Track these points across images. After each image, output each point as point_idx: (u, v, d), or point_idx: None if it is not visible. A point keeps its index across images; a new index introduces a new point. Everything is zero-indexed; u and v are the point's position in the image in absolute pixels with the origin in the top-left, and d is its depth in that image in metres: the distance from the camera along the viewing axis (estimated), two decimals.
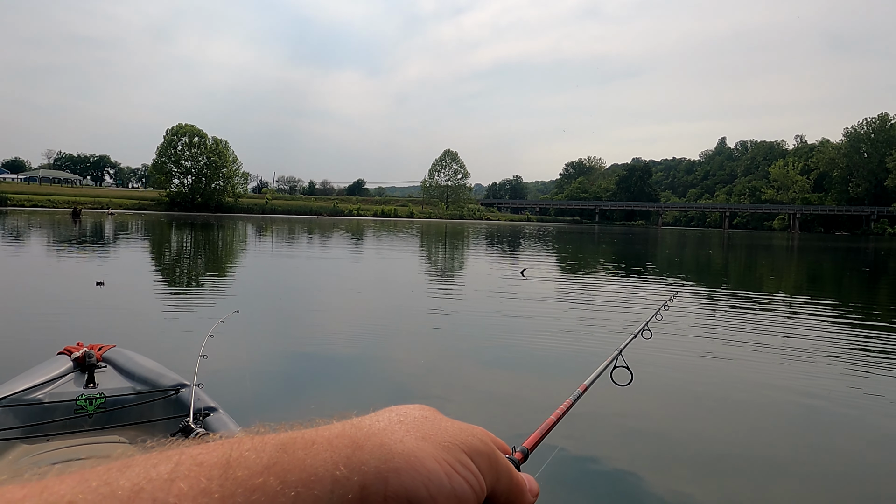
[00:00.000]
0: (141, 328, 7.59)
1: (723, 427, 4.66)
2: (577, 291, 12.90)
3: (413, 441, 0.45)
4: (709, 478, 3.81)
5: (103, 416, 3.20)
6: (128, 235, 28.71)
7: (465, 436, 0.49)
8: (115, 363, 3.59)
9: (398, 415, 0.49)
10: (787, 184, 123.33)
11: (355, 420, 0.47)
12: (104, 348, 3.68)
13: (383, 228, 52.37)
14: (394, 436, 0.45)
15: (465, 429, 0.50)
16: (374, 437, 0.45)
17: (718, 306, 11.29)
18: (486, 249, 29.18)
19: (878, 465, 4.15)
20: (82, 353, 3.46)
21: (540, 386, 5.65)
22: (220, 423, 2.84)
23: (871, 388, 5.73)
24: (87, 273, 13.09)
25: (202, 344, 3.45)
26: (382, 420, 0.48)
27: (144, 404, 3.25)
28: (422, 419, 0.49)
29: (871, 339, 8.23)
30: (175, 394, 3.24)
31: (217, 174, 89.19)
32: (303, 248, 26.17)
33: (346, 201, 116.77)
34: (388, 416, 0.48)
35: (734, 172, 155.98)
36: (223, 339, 4.46)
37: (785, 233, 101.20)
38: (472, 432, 0.50)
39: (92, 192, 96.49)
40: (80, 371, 3.43)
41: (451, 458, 0.46)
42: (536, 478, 0.53)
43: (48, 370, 3.37)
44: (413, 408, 0.51)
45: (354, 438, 0.44)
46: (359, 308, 10.16)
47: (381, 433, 0.45)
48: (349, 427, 0.45)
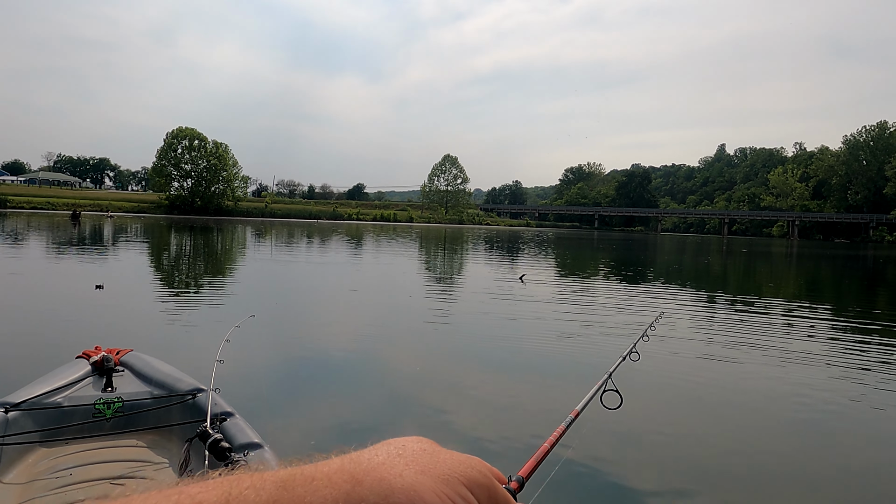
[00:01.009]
0: (157, 332, 7.63)
1: (717, 447, 4.62)
2: (575, 298, 12.91)
3: (412, 475, 0.45)
4: (704, 497, 3.81)
5: (121, 421, 3.21)
6: (130, 239, 28.71)
7: (463, 468, 0.49)
8: (132, 367, 3.60)
9: (396, 448, 0.49)
10: (786, 191, 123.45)
11: (353, 455, 0.47)
12: (122, 352, 3.71)
13: (383, 233, 52.38)
14: (393, 470, 0.45)
15: (464, 460, 0.50)
16: (374, 471, 0.44)
17: (709, 320, 11.30)
18: (486, 255, 29.18)
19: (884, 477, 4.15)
20: (100, 358, 3.48)
21: (536, 400, 5.65)
22: (237, 428, 2.84)
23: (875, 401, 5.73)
24: (97, 276, 13.08)
25: (218, 349, 3.46)
26: (381, 454, 0.47)
27: (162, 409, 3.25)
28: (420, 452, 0.49)
29: (869, 351, 8.24)
30: (192, 398, 3.25)
31: (217, 177, 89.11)
32: (307, 252, 26.17)
33: (346, 205, 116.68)
34: (387, 450, 0.48)
35: (733, 179, 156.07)
36: (238, 344, 4.48)
37: (784, 240, 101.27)
38: (470, 464, 0.50)
39: (91, 194, 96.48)
40: (99, 375, 3.45)
41: (450, 492, 0.46)
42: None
43: (67, 374, 3.38)
44: (410, 440, 0.51)
45: (353, 474, 0.44)
46: (365, 313, 10.19)
47: (380, 468, 0.45)
48: (348, 462, 0.45)
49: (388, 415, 5.03)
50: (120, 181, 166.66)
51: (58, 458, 2.90)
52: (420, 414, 5.04)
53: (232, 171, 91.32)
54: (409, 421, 4.86)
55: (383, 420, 4.88)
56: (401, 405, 5.30)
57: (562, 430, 1.03)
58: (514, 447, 4.26)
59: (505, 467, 0.58)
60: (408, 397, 5.54)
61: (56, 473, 2.75)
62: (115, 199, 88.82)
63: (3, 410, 2.96)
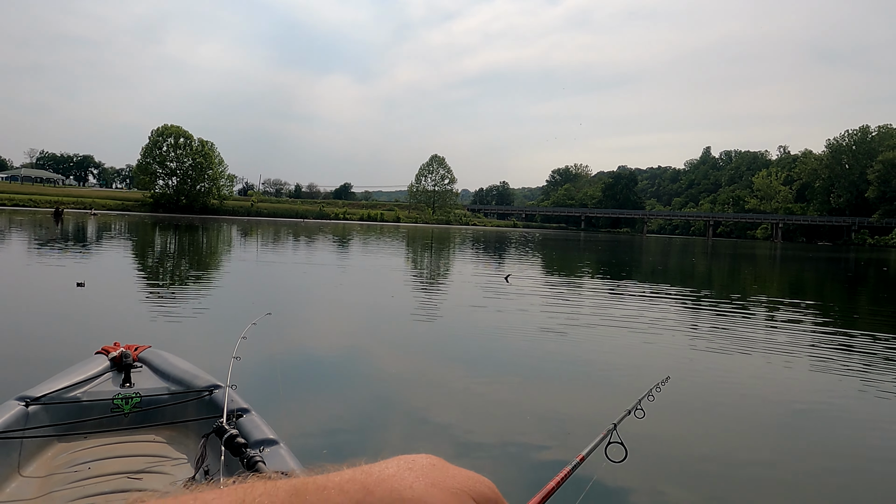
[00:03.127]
0: (175, 329, 7.74)
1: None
2: (560, 298, 12.98)
3: (423, 487, 0.46)
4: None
5: (139, 416, 3.25)
6: (115, 237, 28.46)
7: (473, 482, 0.49)
8: (150, 363, 3.66)
9: (406, 462, 0.49)
10: (770, 194, 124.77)
11: (365, 467, 0.48)
12: (140, 349, 3.76)
13: (370, 233, 52.31)
14: (403, 481, 0.46)
15: (473, 477, 0.50)
16: (385, 482, 0.45)
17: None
18: (473, 255, 29.24)
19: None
20: (119, 354, 3.53)
21: (526, 417, 5.68)
22: (253, 424, 2.87)
23: None
24: (86, 274, 12.95)
25: (235, 346, 3.49)
26: (391, 467, 0.48)
27: (179, 404, 3.30)
28: (429, 466, 0.49)
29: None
30: (209, 395, 3.29)
31: (202, 176, 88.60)
32: (305, 253, 26.09)
33: (333, 205, 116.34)
34: (397, 464, 0.49)
35: (718, 182, 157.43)
36: (255, 341, 4.50)
37: (768, 242, 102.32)
38: (480, 480, 0.50)
39: (75, 192, 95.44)
40: (117, 371, 3.51)
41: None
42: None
43: (86, 369, 3.43)
44: (420, 456, 0.51)
45: (365, 484, 0.44)
46: (374, 313, 10.31)
47: (391, 479, 0.46)
48: (359, 473, 0.46)
49: (401, 411, 5.11)
50: (104, 179, 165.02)
51: (76, 451, 2.94)
52: (431, 413, 5.08)
53: (218, 169, 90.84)
54: (420, 420, 4.91)
55: (396, 417, 4.94)
56: (415, 402, 5.36)
57: (567, 472, 0.99)
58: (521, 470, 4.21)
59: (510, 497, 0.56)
60: (422, 396, 5.60)
61: (75, 467, 2.78)
62: (98, 196, 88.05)
63: (24, 404, 2.98)
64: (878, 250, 77.34)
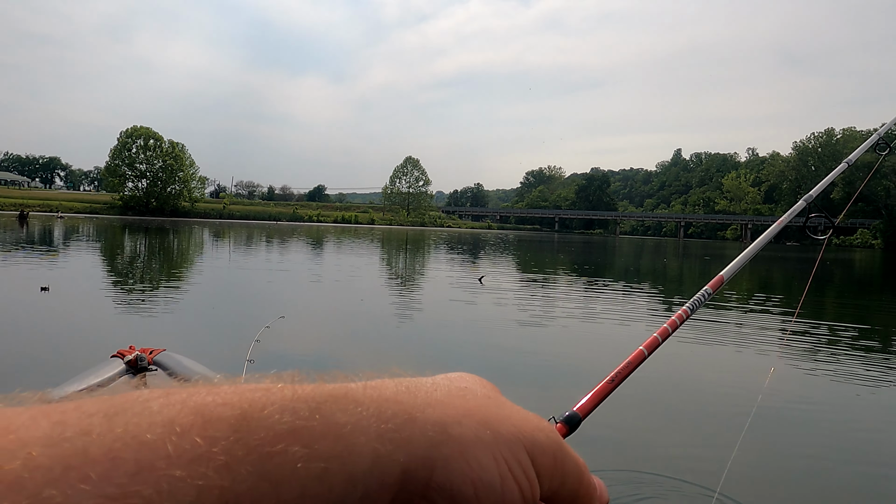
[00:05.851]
0: (189, 332, 7.77)
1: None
2: (534, 298, 13.03)
3: (473, 425, 0.37)
4: None
5: None
6: (82, 240, 27.87)
7: (529, 427, 0.39)
8: (165, 366, 3.70)
9: (458, 388, 0.40)
10: (739, 195, 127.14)
11: (408, 381, 0.38)
12: (155, 352, 3.81)
13: (344, 235, 52.01)
14: (453, 413, 0.37)
15: (530, 419, 0.41)
16: (430, 408, 0.36)
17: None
18: (447, 256, 29.25)
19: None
20: (134, 357, 3.60)
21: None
22: None
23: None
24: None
25: (249, 348, 3.45)
26: (440, 389, 0.39)
27: None
28: (484, 398, 0.40)
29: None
30: None
31: (173, 178, 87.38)
32: (303, 254, 25.82)
33: (306, 207, 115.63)
34: (447, 387, 0.39)
35: (689, 183, 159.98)
36: (268, 343, 4.47)
37: (737, 242, 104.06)
38: (537, 424, 0.40)
39: (41, 194, 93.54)
40: (133, 374, 3.56)
41: (510, 456, 0.37)
42: None
43: (102, 372, 3.48)
44: (475, 380, 0.42)
45: (407, 407, 0.35)
46: (372, 314, 10.19)
47: (439, 405, 0.37)
48: (403, 391, 0.37)
49: None
50: (71, 181, 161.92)
51: None
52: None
53: (189, 171, 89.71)
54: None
55: None
56: None
57: (633, 365, 0.88)
58: None
59: None
60: None
61: None
62: (65, 199, 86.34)
63: None
64: (843, 250, 79.22)
